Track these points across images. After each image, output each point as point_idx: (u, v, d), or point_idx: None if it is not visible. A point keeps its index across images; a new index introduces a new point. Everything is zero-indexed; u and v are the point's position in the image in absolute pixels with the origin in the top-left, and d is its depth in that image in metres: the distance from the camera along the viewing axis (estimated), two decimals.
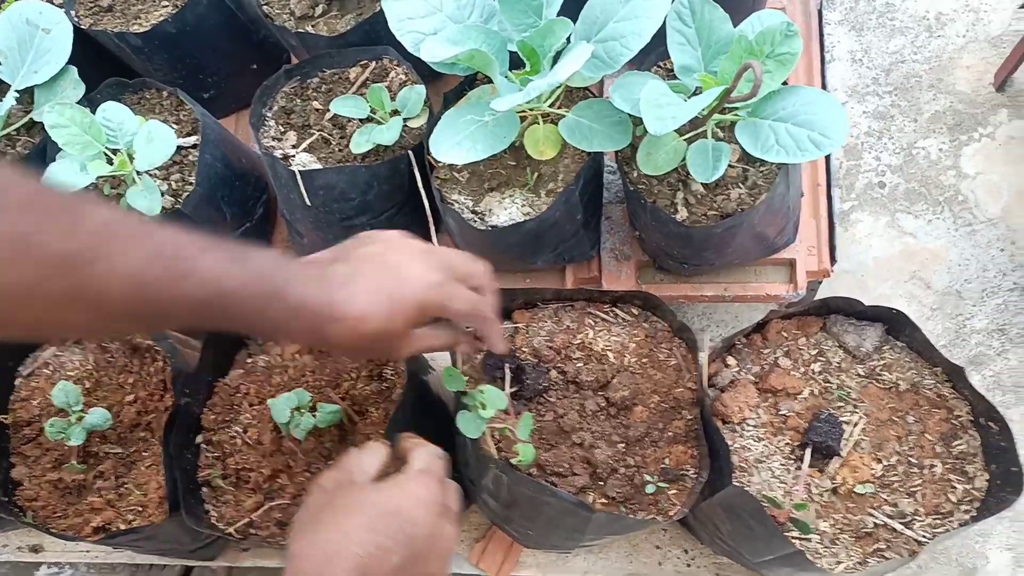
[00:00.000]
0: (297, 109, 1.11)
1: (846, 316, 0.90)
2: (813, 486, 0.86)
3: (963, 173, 1.40)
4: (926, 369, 0.87)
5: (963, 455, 0.84)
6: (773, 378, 0.88)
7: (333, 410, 0.94)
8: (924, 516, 0.83)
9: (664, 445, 0.89)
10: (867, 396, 0.88)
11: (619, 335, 0.94)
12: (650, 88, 0.84)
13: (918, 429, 0.86)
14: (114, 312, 0.58)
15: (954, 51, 1.45)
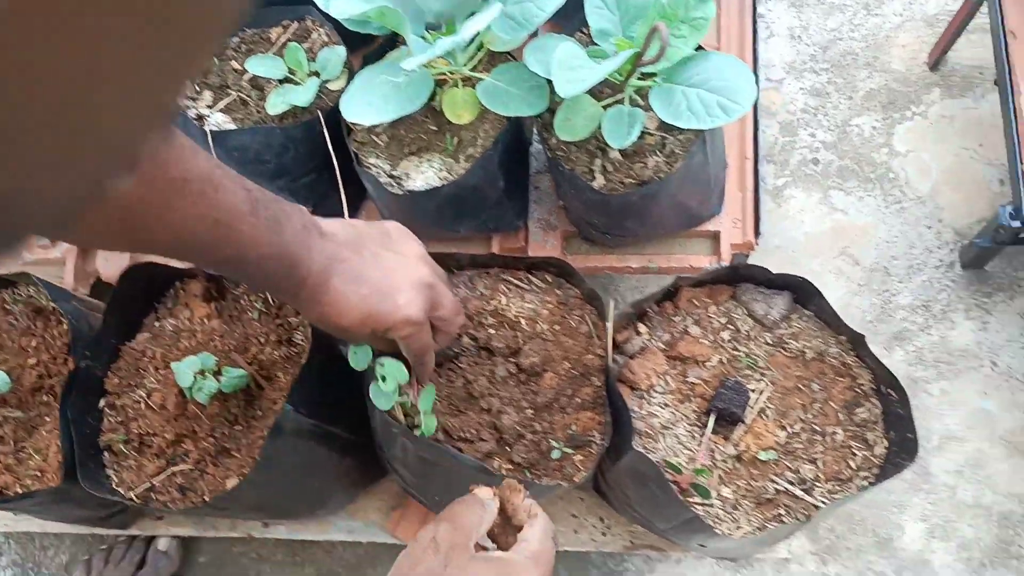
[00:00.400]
0: (215, 69, 1.08)
1: (756, 284, 0.90)
2: (717, 453, 0.86)
3: (895, 151, 1.41)
4: (832, 338, 0.88)
5: (864, 422, 0.85)
6: (682, 346, 0.88)
7: (239, 375, 0.92)
8: (824, 482, 0.84)
9: (572, 411, 0.88)
10: (774, 364, 0.88)
11: (532, 302, 0.93)
12: (562, 50, 0.83)
13: (822, 397, 0.86)
14: (159, 250, 0.64)
15: (890, 29, 1.46)
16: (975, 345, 1.30)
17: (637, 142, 0.95)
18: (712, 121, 0.81)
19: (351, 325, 0.71)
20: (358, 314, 0.71)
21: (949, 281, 1.33)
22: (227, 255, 0.64)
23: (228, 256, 0.64)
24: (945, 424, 1.28)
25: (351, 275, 0.70)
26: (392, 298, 0.72)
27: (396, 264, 0.74)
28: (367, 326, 0.72)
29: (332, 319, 0.71)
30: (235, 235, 0.63)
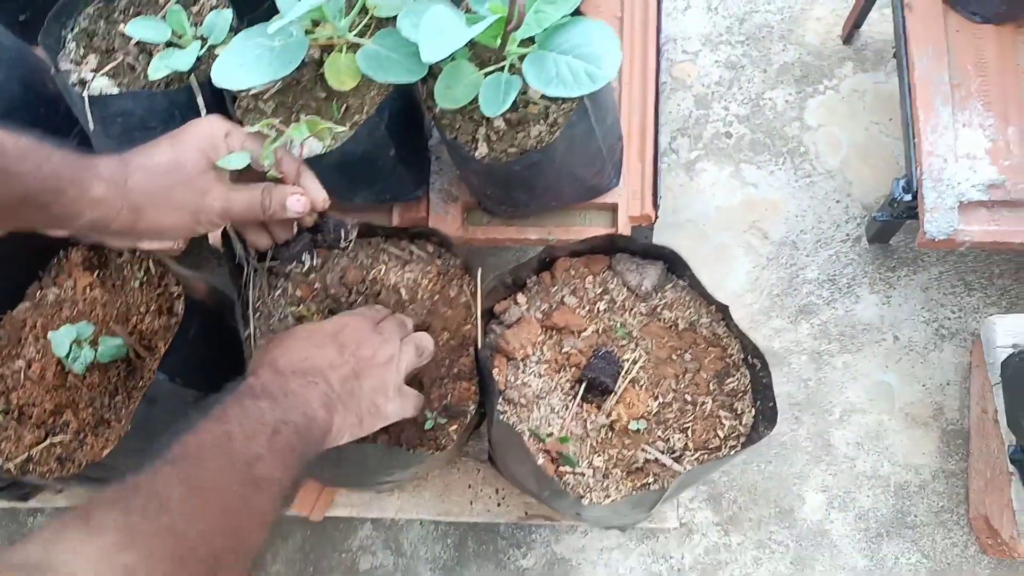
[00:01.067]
0: (100, 32, 1.05)
1: (631, 255, 0.90)
2: (589, 422, 0.87)
3: (806, 125, 1.42)
4: (703, 308, 0.89)
5: (734, 392, 0.86)
6: (557, 316, 0.89)
7: (116, 343, 0.91)
8: (693, 451, 0.85)
9: (449, 382, 0.88)
10: (648, 334, 0.89)
11: (412, 271, 0.93)
12: (432, 13, 0.82)
13: (694, 367, 0.87)
14: None
15: (806, 2, 1.46)
16: (878, 319, 1.32)
17: (522, 111, 0.94)
18: (579, 88, 0.81)
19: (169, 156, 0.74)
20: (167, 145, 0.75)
21: (855, 255, 1.35)
22: None
23: None
24: (847, 397, 1.30)
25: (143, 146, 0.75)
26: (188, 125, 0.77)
27: None
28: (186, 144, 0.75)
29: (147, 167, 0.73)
30: None
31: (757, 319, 1.34)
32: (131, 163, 0.72)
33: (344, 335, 0.76)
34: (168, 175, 0.73)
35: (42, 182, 0.66)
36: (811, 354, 1.32)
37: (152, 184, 0.72)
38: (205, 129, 0.76)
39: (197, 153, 0.75)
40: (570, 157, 0.97)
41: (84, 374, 0.92)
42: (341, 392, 0.72)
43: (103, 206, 0.69)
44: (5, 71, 1.03)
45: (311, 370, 0.71)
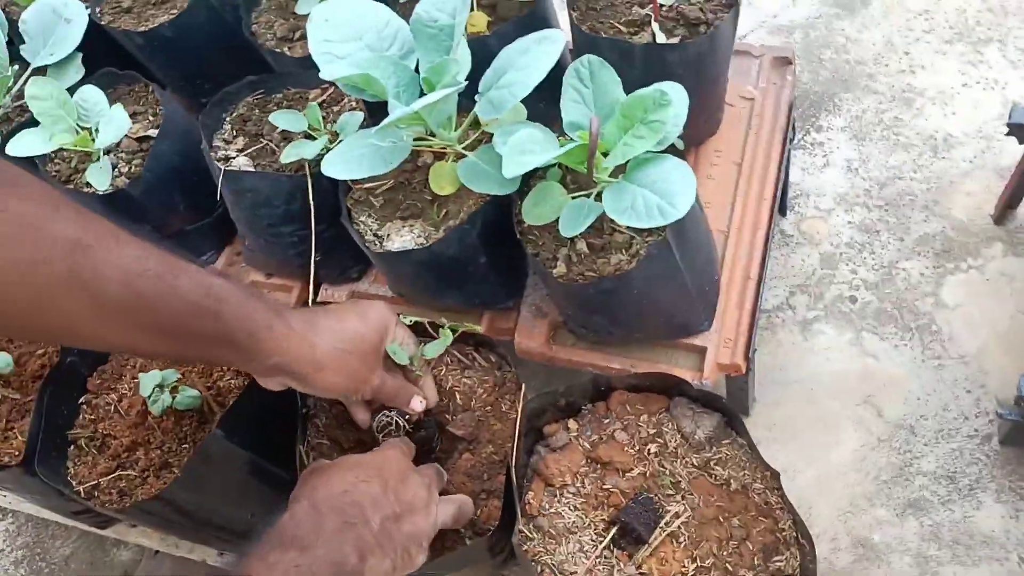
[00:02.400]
0: (254, 118, 1.18)
1: (691, 400, 0.86)
2: (616, 570, 0.81)
3: (942, 302, 1.31)
4: (759, 472, 0.82)
5: (779, 573, 0.78)
6: (604, 449, 0.85)
7: (192, 395, 0.97)
8: None
9: (484, 497, 0.86)
10: (696, 489, 0.83)
11: (471, 378, 0.93)
12: (520, 135, 0.85)
13: (740, 535, 0.80)
14: (108, 301, 0.63)
15: (957, 175, 1.38)
16: (1002, 533, 1.16)
17: (606, 238, 0.95)
18: (650, 221, 0.80)
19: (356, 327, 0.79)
20: (355, 316, 0.80)
21: (983, 455, 1.20)
22: (190, 295, 0.67)
23: (192, 296, 0.67)
24: None
25: (323, 308, 0.82)
26: (368, 303, 0.84)
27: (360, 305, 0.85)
28: (370, 321, 0.81)
29: (336, 332, 0.78)
30: (192, 272, 0.68)
31: (858, 503, 1.22)
32: (319, 324, 0.77)
33: (387, 470, 0.75)
34: (353, 344, 0.79)
35: (241, 322, 0.71)
36: (916, 556, 1.17)
37: (338, 348, 0.77)
38: (383, 314, 0.83)
39: (376, 334, 0.81)
40: (650, 290, 0.95)
41: (161, 417, 0.98)
42: (379, 534, 0.70)
43: (289, 355, 0.74)
44: (170, 143, 1.17)
45: (350, 506, 0.70)
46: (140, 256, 0.64)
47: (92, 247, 0.62)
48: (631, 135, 0.85)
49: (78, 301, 0.62)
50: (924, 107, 1.47)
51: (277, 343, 0.73)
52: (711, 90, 1.17)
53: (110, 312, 0.64)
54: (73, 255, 0.61)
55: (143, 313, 0.65)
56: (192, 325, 0.68)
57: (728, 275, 1.12)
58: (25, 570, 1.51)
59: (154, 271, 0.65)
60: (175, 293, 0.66)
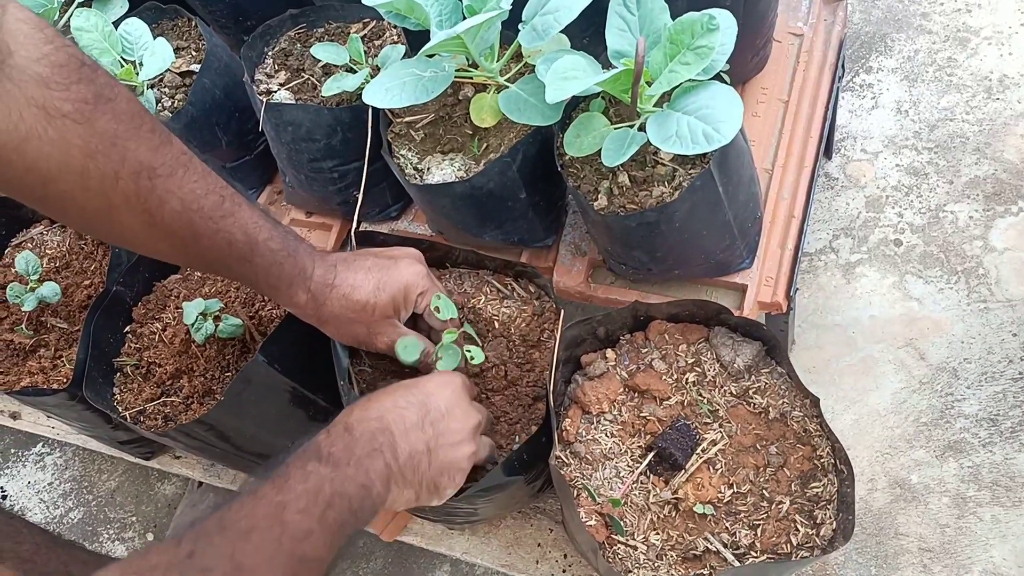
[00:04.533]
0: (296, 52, 1.18)
1: (730, 329, 0.85)
2: (652, 495, 0.81)
3: (990, 246, 1.28)
4: (798, 399, 0.81)
5: (817, 498, 0.78)
6: (641, 377, 0.85)
7: (235, 323, 0.99)
8: (760, 552, 0.77)
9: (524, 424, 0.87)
10: (735, 416, 0.83)
11: (509, 308, 0.94)
12: (563, 61, 0.84)
13: (778, 462, 0.80)
14: (162, 225, 0.70)
15: (1011, 117, 1.34)
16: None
17: (648, 170, 0.94)
18: (695, 147, 0.79)
19: (369, 296, 0.80)
20: (371, 283, 0.81)
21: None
22: (235, 235, 0.73)
23: (236, 237, 0.73)
24: (991, 556, 1.13)
25: (352, 265, 0.82)
26: (396, 265, 0.83)
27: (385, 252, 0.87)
28: (384, 292, 0.81)
29: (349, 296, 0.80)
30: (240, 213, 0.73)
31: (897, 445, 1.21)
32: (337, 288, 0.81)
33: (433, 399, 0.76)
34: (357, 314, 0.81)
35: (267, 278, 0.78)
36: (954, 497, 1.16)
37: (341, 314, 0.81)
38: (407, 280, 0.83)
39: (389, 302, 0.82)
40: (692, 223, 0.94)
41: (204, 345, 1.00)
42: (404, 466, 0.71)
43: (298, 308, 0.82)
44: (212, 78, 1.17)
45: (381, 433, 0.71)
46: (200, 192, 0.70)
47: (159, 175, 0.67)
48: (677, 61, 0.83)
49: (139, 219, 0.69)
50: (979, 47, 1.42)
51: (291, 299, 0.81)
52: (759, 23, 1.14)
53: (163, 235, 0.71)
54: (141, 179, 0.66)
55: (190, 243, 0.72)
56: (228, 263, 0.76)
57: (771, 213, 1.11)
58: (73, 502, 1.57)
59: (207, 209, 0.71)
60: (219, 235, 0.72)
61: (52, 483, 1.59)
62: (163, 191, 0.68)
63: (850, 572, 1.16)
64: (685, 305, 0.86)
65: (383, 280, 0.82)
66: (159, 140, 0.68)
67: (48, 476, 1.60)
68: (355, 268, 0.82)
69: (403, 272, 0.83)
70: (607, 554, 0.79)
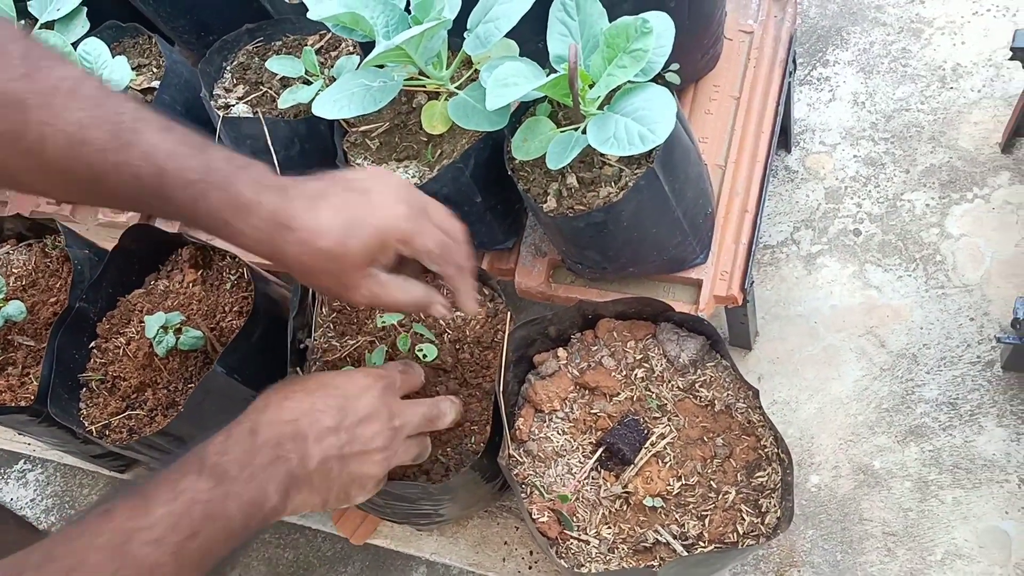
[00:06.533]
0: (254, 66, 1.20)
1: (676, 324, 0.87)
2: (603, 490, 0.83)
3: (947, 233, 1.30)
4: (742, 391, 0.83)
5: (762, 487, 0.79)
6: (591, 375, 0.87)
7: (196, 335, 1.00)
8: (707, 542, 0.79)
9: (481, 426, 0.89)
10: (682, 410, 0.84)
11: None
12: (504, 67, 0.86)
13: (724, 453, 0.82)
14: (52, 165, 0.57)
15: (964, 105, 1.36)
16: (1003, 456, 1.16)
17: (596, 172, 0.95)
18: (631, 148, 0.81)
19: (336, 245, 0.63)
20: (338, 226, 0.62)
21: (985, 381, 1.20)
22: (140, 170, 0.57)
23: (142, 171, 0.57)
24: (953, 538, 1.14)
25: (315, 194, 0.64)
26: (373, 203, 0.65)
27: (361, 176, 0.69)
28: (354, 239, 0.63)
29: (311, 244, 0.62)
30: (143, 143, 0.57)
31: (859, 432, 1.23)
32: (295, 231, 0.62)
33: (353, 402, 0.68)
34: (323, 263, 0.64)
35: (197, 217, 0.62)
36: (917, 482, 1.18)
37: (304, 261, 0.64)
38: (385, 224, 0.66)
39: (361, 252, 0.65)
40: (640, 222, 0.96)
41: (167, 357, 1.02)
42: (314, 472, 0.65)
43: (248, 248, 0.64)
44: (172, 94, 1.19)
45: (292, 437, 0.64)
46: (87, 122, 0.57)
47: (32, 107, 0.55)
48: (615, 65, 0.85)
49: (22, 160, 0.57)
50: (933, 37, 1.44)
51: (236, 241, 0.64)
52: (706, 23, 1.15)
53: (57, 175, 0.59)
54: (9, 112, 0.55)
55: (91, 183, 0.59)
56: (143, 202, 0.61)
57: (725, 209, 1.12)
58: (56, 517, 1.58)
59: (99, 142, 0.57)
60: (121, 170, 0.58)
61: (34, 499, 1.61)
62: (39, 124, 0.55)
63: (816, 558, 1.18)
64: (631, 303, 0.88)
65: (354, 222, 0.64)
66: (28, 67, 0.55)
67: (30, 492, 1.61)
68: (318, 203, 0.64)
69: (378, 212, 0.65)
70: (560, 549, 0.80)
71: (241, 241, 0.64)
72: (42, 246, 1.20)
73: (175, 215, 0.63)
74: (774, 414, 1.26)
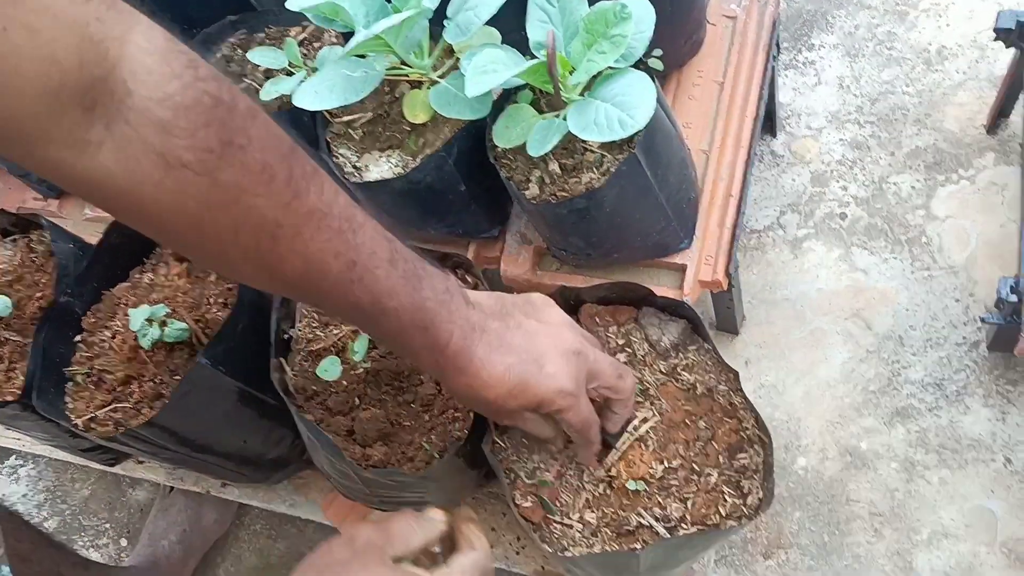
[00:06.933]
0: (237, 59, 1.19)
1: (658, 309, 0.87)
2: (587, 475, 0.83)
3: (932, 215, 1.30)
4: (723, 374, 0.83)
5: (743, 469, 0.80)
6: None
7: (181, 327, 1.00)
8: (690, 524, 0.79)
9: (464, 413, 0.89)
10: (665, 394, 0.84)
11: None
12: (483, 55, 0.85)
13: (706, 435, 0.82)
14: (284, 282, 0.62)
15: (950, 87, 1.36)
16: (989, 436, 1.17)
17: (578, 158, 0.95)
18: (611, 134, 0.81)
19: (497, 398, 0.68)
20: (505, 386, 0.67)
21: (971, 361, 1.21)
22: (360, 300, 0.63)
23: (361, 302, 0.63)
24: (939, 517, 1.15)
25: (496, 343, 0.68)
26: (540, 367, 0.68)
27: (541, 331, 0.71)
28: (515, 399, 0.68)
29: (477, 391, 0.68)
30: (370, 279, 0.62)
31: (847, 414, 1.23)
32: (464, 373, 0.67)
33: None
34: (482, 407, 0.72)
35: (392, 344, 0.69)
36: (903, 462, 1.19)
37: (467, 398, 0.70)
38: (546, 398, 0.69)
39: (518, 410, 0.71)
40: (622, 208, 0.96)
41: (152, 350, 1.02)
42: None
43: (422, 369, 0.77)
44: None
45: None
46: (329, 254, 0.60)
47: (283, 233, 0.58)
48: (594, 50, 0.85)
49: (259, 273, 0.62)
50: (918, 19, 1.44)
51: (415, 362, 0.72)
52: (689, 8, 1.15)
53: (285, 288, 0.64)
54: (263, 236, 0.58)
55: (314, 299, 0.66)
56: (354, 320, 0.68)
57: (709, 194, 1.13)
58: (48, 512, 1.58)
59: (333, 274, 0.61)
60: (344, 299, 0.62)
61: (26, 494, 1.61)
62: (286, 251, 0.59)
63: (804, 540, 1.18)
64: (613, 288, 0.88)
65: (521, 386, 0.68)
66: (291, 194, 0.57)
67: (22, 488, 1.61)
68: (494, 357, 0.67)
69: (544, 383, 0.69)
70: (543, 534, 0.81)
71: (419, 365, 0.75)
72: (27, 241, 1.19)
73: (374, 335, 0.73)
74: (761, 398, 1.27)
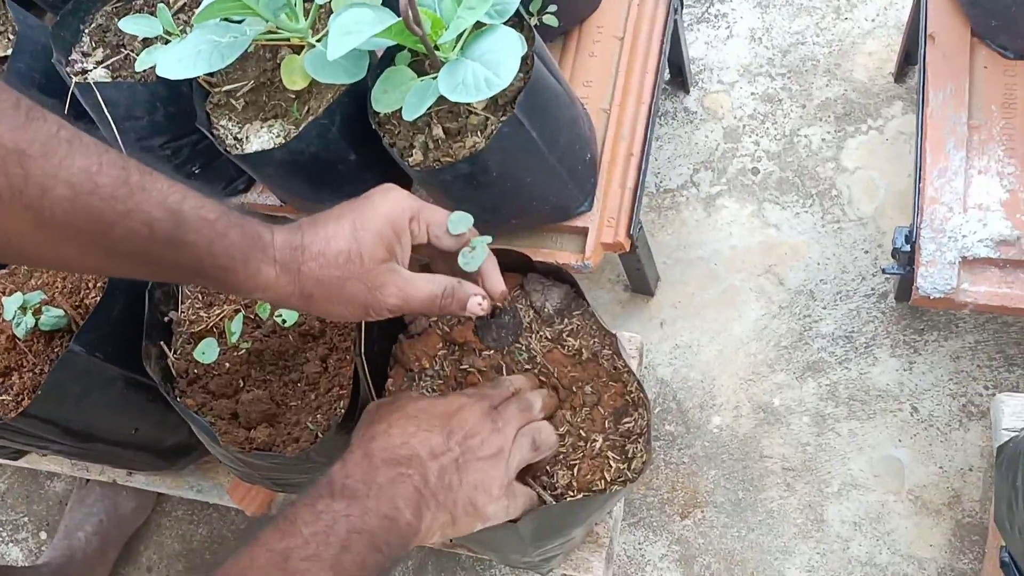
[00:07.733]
0: (114, 28, 1.13)
1: (543, 275, 0.85)
2: None
3: (842, 166, 1.29)
4: (607, 339, 0.81)
5: (628, 433, 0.78)
6: (458, 331, 0.85)
7: (57, 314, 0.96)
8: (576, 492, 0.78)
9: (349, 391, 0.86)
10: (551, 361, 0.83)
11: None
12: (347, 14, 0.81)
13: (592, 401, 0.80)
14: (52, 220, 0.54)
15: (859, 36, 1.34)
16: (896, 386, 1.17)
17: (462, 122, 0.92)
18: (478, 94, 0.77)
19: (345, 245, 0.65)
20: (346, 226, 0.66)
21: (879, 312, 1.21)
22: (152, 214, 0.56)
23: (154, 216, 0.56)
24: (849, 469, 1.16)
25: (318, 219, 0.67)
26: (374, 203, 0.68)
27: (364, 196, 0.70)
28: (363, 234, 0.66)
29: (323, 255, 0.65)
30: (156, 186, 0.57)
31: (760, 371, 1.23)
32: (308, 248, 0.65)
33: (456, 419, 0.70)
34: (343, 267, 0.65)
35: (213, 258, 0.61)
36: (814, 416, 1.19)
37: (325, 275, 0.65)
38: (390, 210, 0.68)
39: (376, 242, 0.67)
40: (510, 171, 0.93)
41: (29, 340, 0.97)
42: (436, 487, 0.66)
43: (273, 290, 0.65)
44: (28, 61, 1.12)
45: (408, 459, 0.66)
46: (92, 169, 0.54)
47: (34, 157, 0.52)
48: (463, 7, 0.81)
49: (20, 219, 0.53)
50: None
51: (254, 280, 0.64)
52: None
53: (57, 232, 0.55)
54: (9, 165, 0.51)
55: (95, 236, 0.56)
56: (152, 252, 0.59)
57: (610, 153, 1.10)
58: None
59: (108, 189, 0.54)
60: (131, 217, 0.56)
61: None
62: (41, 176, 0.52)
63: (719, 497, 1.18)
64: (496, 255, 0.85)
65: (359, 220, 0.67)
66: (25, 117, 0.52)
67: None
68: (322, 221, 0.67)
69: (379, 204, 0.68)
70: None
71: (262, 281, 0.64)
72: None
73: (182, 264, 0.61)
74: (676, 358, 1.26)
